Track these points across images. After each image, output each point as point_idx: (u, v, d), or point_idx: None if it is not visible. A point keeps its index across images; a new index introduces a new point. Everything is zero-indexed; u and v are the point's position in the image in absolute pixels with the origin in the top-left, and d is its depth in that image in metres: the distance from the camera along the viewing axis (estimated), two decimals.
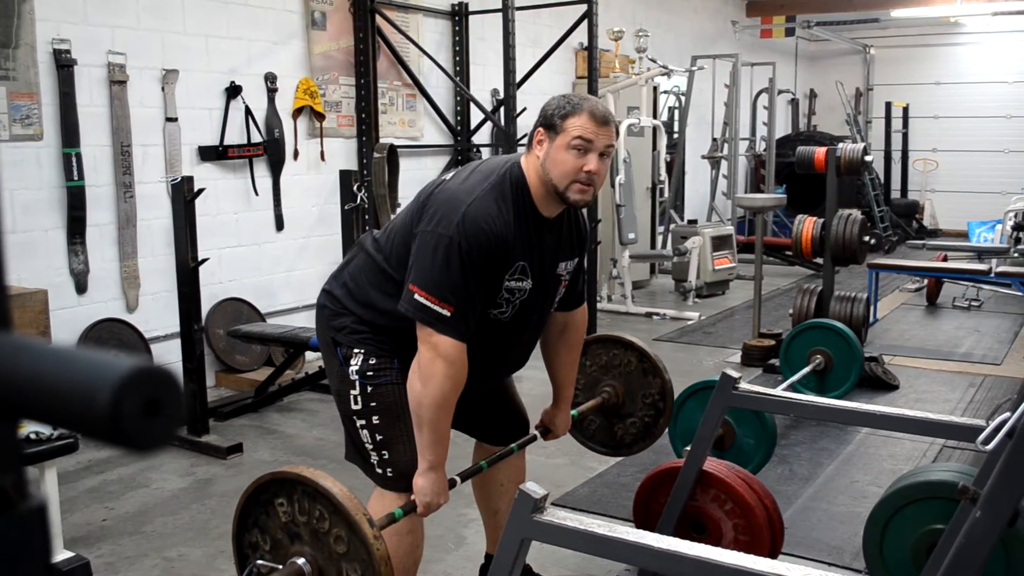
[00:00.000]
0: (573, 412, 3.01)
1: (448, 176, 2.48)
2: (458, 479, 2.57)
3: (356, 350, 2.48)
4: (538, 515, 2.12)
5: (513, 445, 2.83)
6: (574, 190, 2.38)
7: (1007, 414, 1.85)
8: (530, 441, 2.89)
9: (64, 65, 4.67)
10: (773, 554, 2.97)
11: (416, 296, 2.28)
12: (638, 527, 3.06)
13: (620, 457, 3.30)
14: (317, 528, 1.87)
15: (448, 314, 2.26)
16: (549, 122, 2.37)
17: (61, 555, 3.25)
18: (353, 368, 2.47)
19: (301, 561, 1.87)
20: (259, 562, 1.91)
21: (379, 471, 2.51)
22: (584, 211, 2.65)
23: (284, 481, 1.91)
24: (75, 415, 0.42)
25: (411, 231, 2.38)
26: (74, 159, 4.74)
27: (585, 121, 2.34)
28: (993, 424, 1.87)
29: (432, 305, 2.26)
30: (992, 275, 7.15)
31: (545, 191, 2.41)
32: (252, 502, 1.97)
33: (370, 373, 2.46)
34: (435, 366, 2.28)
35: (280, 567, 1.89)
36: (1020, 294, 7.49)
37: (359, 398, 2.47)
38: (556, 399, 2.90)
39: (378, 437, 2.47)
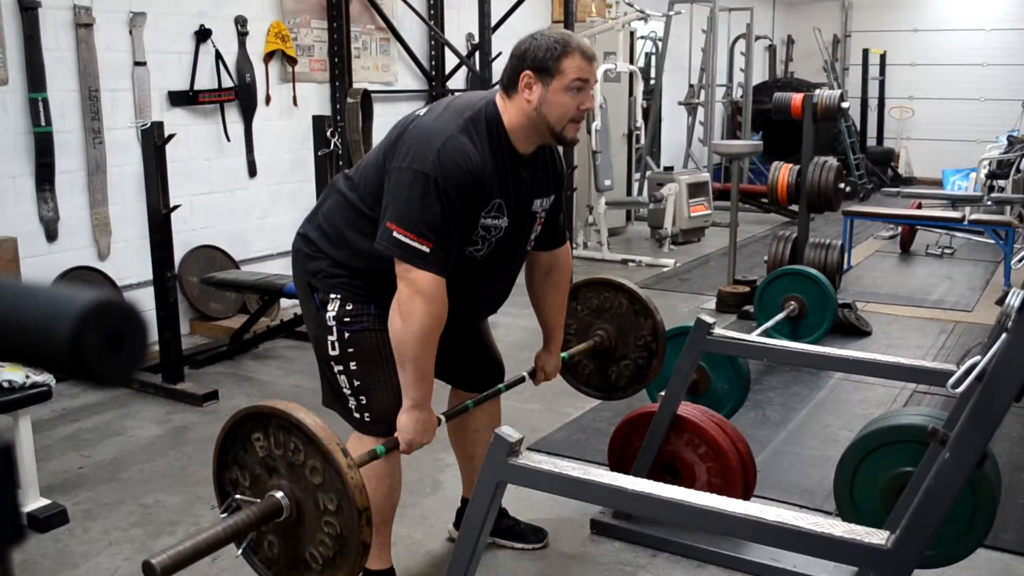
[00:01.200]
0: (564, 355, 3.01)
1: (422, 112, 2.45)
2: (443, 418, 2.58)
3: (332, 295, 2.47)
4: (513, 459, 2.14)
5: (501, 386, 2.84)
6: (570, 129, 2.42)
7: (977, 358, 1.87)
8: (518, 382, 2.89)
9: (28, 7, 4.57)
10: (746, 496, 3.02)
11: (394, 233, 2.26)
12: (613, 470, 3.09)
13: (615, 400, 3.28)
14: (293, 460, 1.87)
15: (427, 250, 2.25)
16: (541, 65, 2.35)
17: (38, 503, 3.25)
18: (330, 314, 2.46)
19: (279, 495, 1.87)
20: (238, 497, 1.91)
21: (357, 416, 2.52)
22: (560, 149, 2.64)
23: (260, 415, 1.91)
24: (36, 350, 0.41)
25: (384, 168, 2.36)
26: (41, 104, 4.66)
27: (579, 61, 2.35)
28: (963, 368, 1.89)
29: (410, 241, 2.25)
30: (965, 223, 7.21)
31: (533, 131, 2.41)
32: (230, 438, 1.97)
33: (347, 319, 2.45)
34: (414, 302, 2.27)
35: (258, 500, 1.89)
36: (992, 242, 7.55)
37: (336, 344, 2.47)
38: (546, 342, 2.90)
39: (356, 382, 2.48)
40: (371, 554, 2.62)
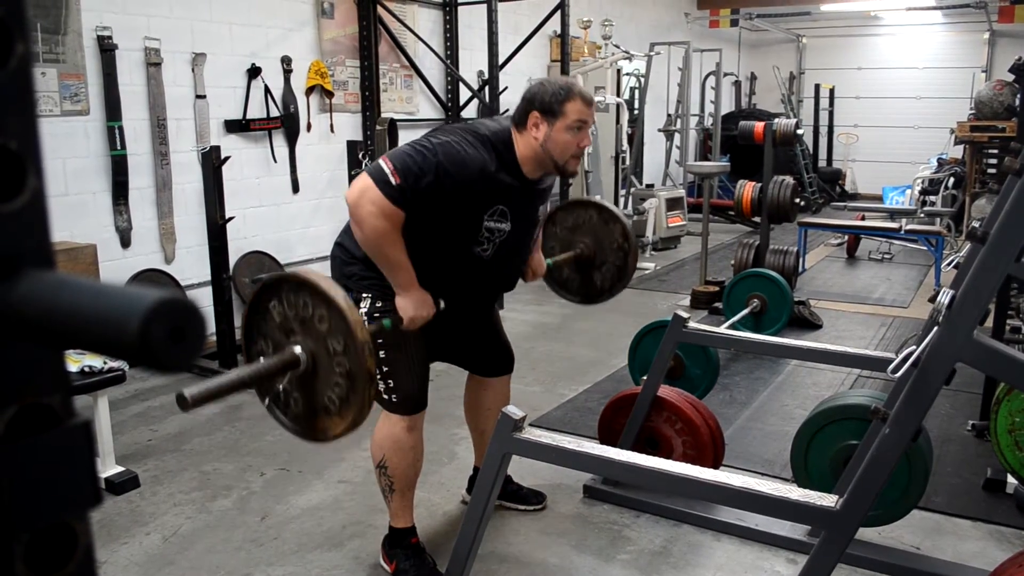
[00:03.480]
0: (549, 261, 2.92)
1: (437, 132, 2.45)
2: (442, 302, 2.45)
3: (364, 294, 2.47)
4: (518, 433, 2.14)
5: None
6: (572, 164, 2.43)
7: (913, 347, 1.86)
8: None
9: (107, 49, 4.58)
10: (715, 466, 3.01)
11: (380, 161, 2.26)
12: (602, 443, 3.09)
13: (602, 301, 3.11)
14: (304, 316, 1.81)
15: (393, 181, 2.22)
16: (547, 108, 2.35)
17: (113, 469, 3.26)
18: (362, 310, 2.46)
19: (296, 348, 1.82)
20: (262, 358, 1.86)
21: (385, 397, 2.52)
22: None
23: (271, 284, 1.85)
24: (110, 341, 0.41)
25: None
26: (117, 131, 4.67)
27: (580, 105, 2.36)
28: (901, 356, 1.88)
29: (385, 168, 2.23)
30: (902, 232, 7.19)
31: (538, 163, 2.41)
32: (252, 312, 1.90)
33: (377, 315, 2.45)
34: (362, 208, 2.23)
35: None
36: (925, 248, 7.53)
37: None
38: None
39: (384, 368, 2.48)
40: (395, 514, 2.65)
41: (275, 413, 1.94)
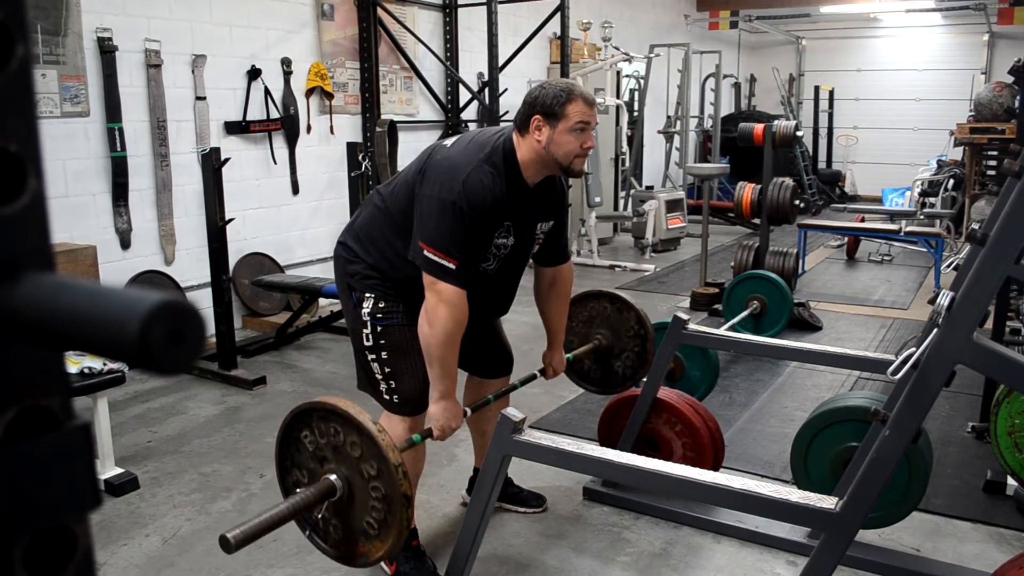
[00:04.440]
0: (569, 356, 2.98)
1: (448, 143, 2.44)
2: (469, 410, 2.57)
3: (368, 294, 2.46)
4: (517, 435, 2.14)
5: (516, 383, 2.84)
6: (577, 163, 2.41)
7: (912, 349, 1.86)
8: (531, 379, 2.87)
9: (107, 51, 4.58)
10: (715, 468, 3.01)
11: (425, 252, 2.26)
12: (602, 445, 3.08)
13: (624, 390, 3.17)
14: (335, 443, 1.86)
15: (452, 267, 2.25)
16: (549, 111, 2.34)
17: (113, 471, 3.25)
18: (365, 310, 2.46)
19: (332, 476, 1.86)
20: (299, 490, 1.90)
21: (387, 397, 2.52)
22: (563, 181, 2.62)
23: (301, 414, 1.91)
24: (110, 343, 0.41)
25: (413, 191, 2.36)
26: (117, 133, 4.67)
27: (582, 106, 2.35)
28: (901, 358, 1.88)
29: (439, 259, 2.25)
30: (902, 234, 7.19)
31: (542, 166, 2.40)
32: (284, 444, 1.97)
33: (379, 315, 2.45)
34: (439, 310, 2.27)
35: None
36: (925, 250, 7.53)
37: (370, 336, 2.47)
38: (551, 343, 2.87)
39: (387, 369, 2.48)
40: None
41: (316, 542, 1.98)
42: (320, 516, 1.93)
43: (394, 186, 2.49)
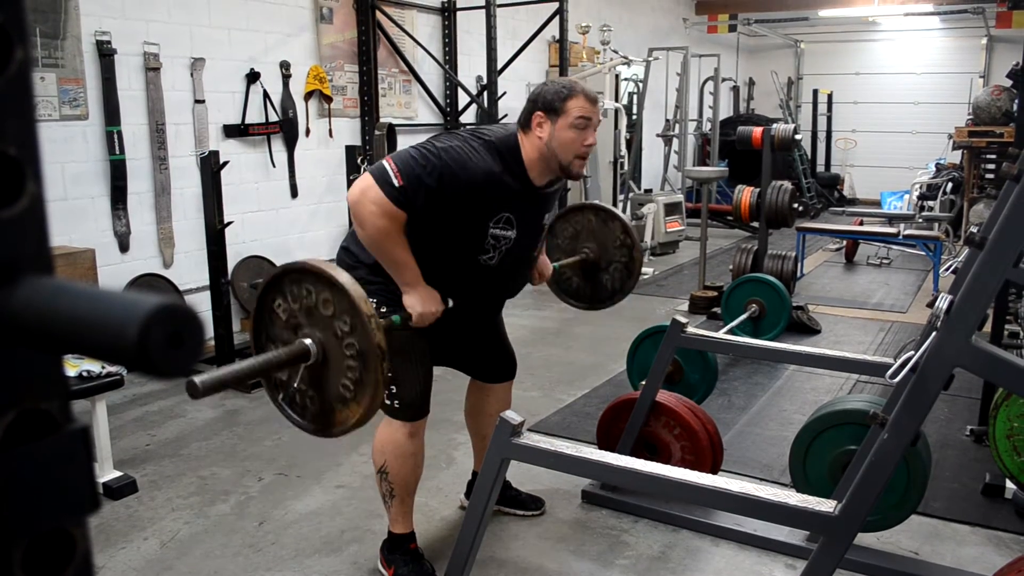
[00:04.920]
0: (555, 265, 2.92)
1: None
2: (451, 301, 2.43)
3: (371, 299, 2.46)
4: (516, 439, 2.13)
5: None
6: (576, 164, 2.39)
7: (911, 352, 1.86)
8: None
9: (106, 54, 4.58)
10: (714, 471, 3.01)
11: (383, 162, 2.26)
12: (600, 448, 3.09)
13: (618, 302, 3.09)
14: (308, 304, 1.78)
15: (396, 183, 2.21)
16: (550, 106, 2.34)
17: (111, 474, 3.25)
18: None
19: (307, 341, 1.77)
20: (275, 350, 1.80)
21: (388, 403, 2.51)
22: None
23: (273, 280, 1.80)
24: (108, 346, 0.41)
25: None
26: (116, 136, 4.67)
27: (583, 102, 2.34)
28: (899, 361, 1.88)
29: (388, 168, 2.23)
30: (900, 237, 7.20)
31: (545, 165, 2.39)
32: (258, 318, 1.85)
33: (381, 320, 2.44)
34: (363, 207, 2.23)
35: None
36: (923, 253, 7.54)
37: None
38: None
39: (387, 374, 2.47)
40: (394, 519, 2.64)
41: (289, 414, 1.89)
42: (297, 387, 1.84)
43: None
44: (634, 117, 10.12)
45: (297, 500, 3.22)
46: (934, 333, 1.78)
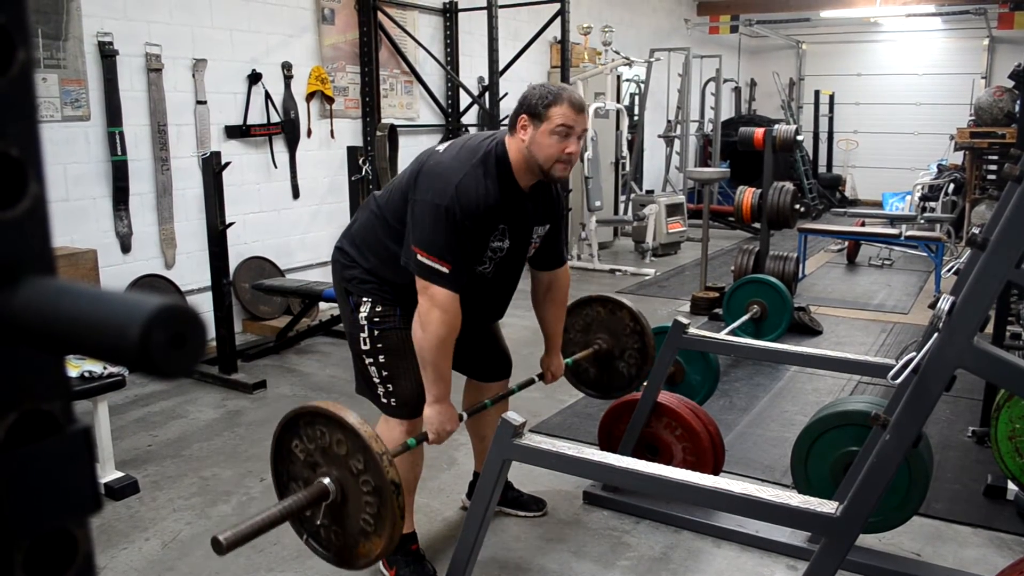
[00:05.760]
0: (568, 360, 2.98)
1: (440, 148, 2.44)
2: (465, 414, 2.58)
3: (365, 299, 2.47)
4: (518, 439, 2.13)
5: (514, 387, 2.84)
6: (557, 169, 2.37)
7: (913, 354, 1.86)
8: (529, 384, 2.87)
9: (107, 55, 4.59)
10: (715, 472, 3.01)
11: (418, 256, 2.26)
12: (602, 450, 3.08)
13: (632, 391, 3.14)
14: (323, 445, 1.85)
15: (446, 271, 2.25)
16: (533, 111, 2.33)
17: (113, 475, 3.25)
18: (362, 315, 2.47)
19: (326, 480, 1.86)
20: (292, 495, 1.89)
21: (384, 401, 2.52)
22: (559, 184, 2.62)
23: (288, 423, 1.90)
24: (111, 347, 0.41)
25: (406, 195, 2.36)
26: (118, 137, 4.68)
27: (566, 110, 2.32)
28: (901, 362, 1.88)
29: (432, 263, 2.25)
30: (902, 238, 7.19)
31: (527, 168, 2.38)
32: (277, 460, 1.97)
33: (377, 319, 2.45)
34: (432, 314, 2.27)
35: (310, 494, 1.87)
36: (925, 254, 7.53)
37: (367, 340, 2.47)
38: (548, 347, 2.86)
39: (384, 373, 2.48)
40: None
41: (314, 547, 1.96)
42: (320, 524, 1.92)
43: (389, 192, 2.50)
44: (636, 118, 10.12)
45: None
46: (936, 334, 1.77)
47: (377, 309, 2.45)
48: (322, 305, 5.49)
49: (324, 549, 1.96)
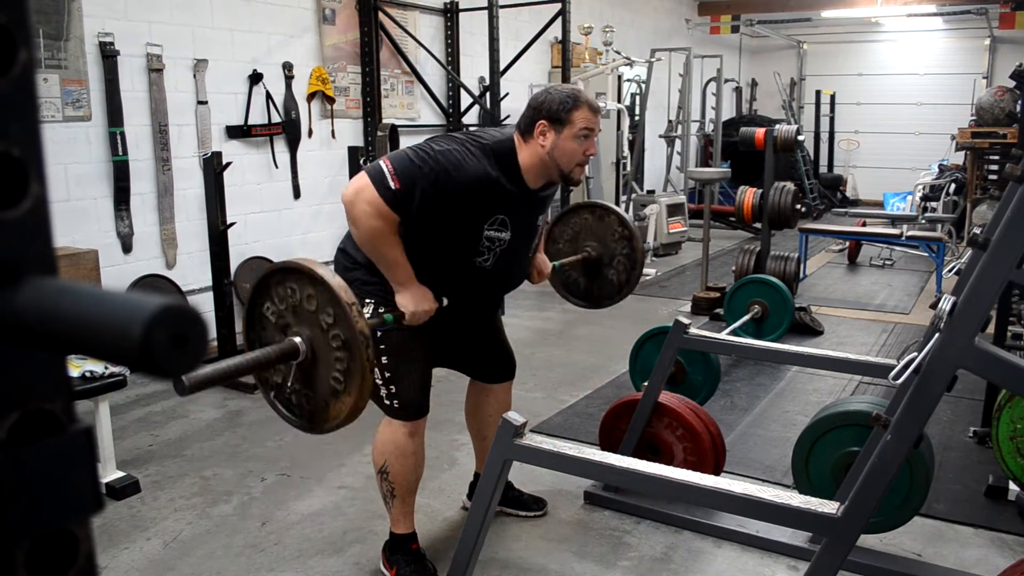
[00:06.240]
0: (555, 263, 2.91)
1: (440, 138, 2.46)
2: (444, 299, 2.46)
3: (368, 300, 2.46)
4: (519, 439, 2.14)
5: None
6: (577, 172, 2.42)
7: (914, 354, 1.86)
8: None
9: (108, 55, 4.59)
10: (716, 472, 3.01)
11: (380, 162, 2.27)
12: (603, 450, 3.08)
13: (625, 297, 3.07)
14: (294, 303, 1.80)
15: (392, 185, 2.22)
16: (555, 116, 2.35)
17: (114, 475, 3.25)
18: (366, 315, 2.46)
19: (296, 338, 1.79)
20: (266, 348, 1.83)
21: (387, 403, 2.51)
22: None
23: (259, 284, 1.83)
24: (112, 347, 0.41)
25: None
26: (119, 137, 4.68)
27: (587, 113, 2.37)
28: (902, 362, 1.88)
29: (385, 170, 2.24)
30: (903, 238, 7.19)
31: (544, 171, 2.41)
32: (250, 325, 1.88)
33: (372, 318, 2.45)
34: (358, 207, 2.25)
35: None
36: (926, 254, 7.53)
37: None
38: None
39: (386, 374, 2.47)
40: (396, 520, 2.65)
41: (282, 412, 1.91)
42: (291, 389, 1.86)
43: None
44: (636, 118, 10.12)
45: (299, 501, 3.22)
46: (937, 334, 1.77)
47: (381, 310, 2.45)
48: None
49: (295, 416, 1.91)
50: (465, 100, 7.22)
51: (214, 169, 4.33)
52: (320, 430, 1.88)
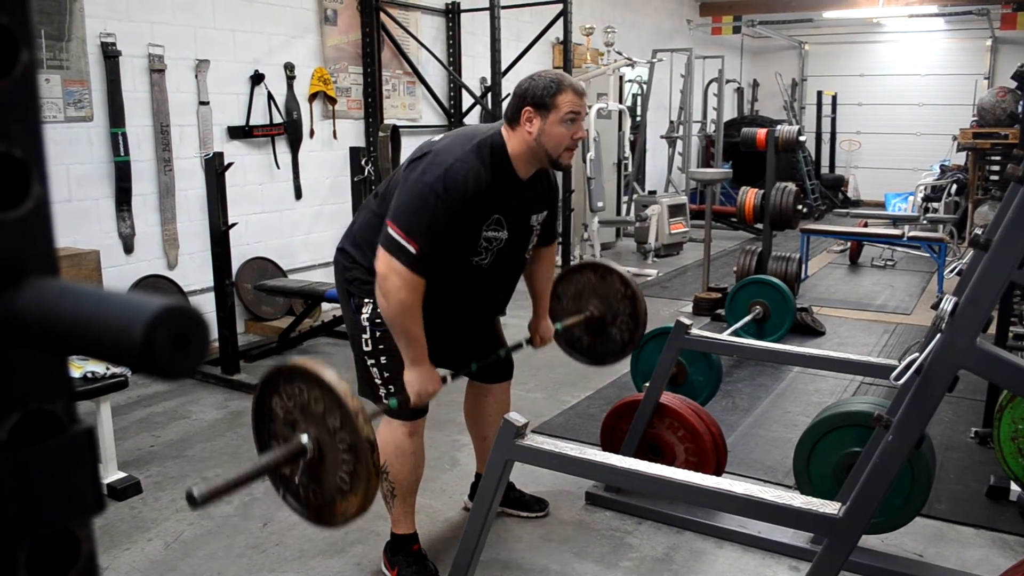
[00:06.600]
0: (558, 325, 2.93)
1: (436, 139, 2.45)
2: (449, 377, 2.54)
3: (367, 300, 2.46)
4: (520, 440, 2.14)
5: (501, 351, 2.79)
6: (565, 156, 2.41)
7: (916, 354, 1.86)
8: (517, 348, 2.81)
9: (110, 56, 4.59)
10: (718, 473, 3.01)
11: (389, 230, 2.26)
12: (604, 450, 3.08)
13: (628, 354, 3.08)
14: (301, 402, 1.83)
15: (412, 250, 2.23)
16: (539, 102, 2.34)
17: (116, 475, 3.25)
18: (364, 316, 2.46)
19: (303, 437, 1.83)
20: (272, 451, 1.86)
21: (386, 402, 2.51)
22: (557, 174, 2.63)
23: (268, 380, 1.86)
24: (114, 348, 0.41)
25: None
26: (120, 137, 4.68)
27: (572, 96, 2.35)
28: (904, 363, 1.88)
29: (400, 240, 2.24)
30: (905, 239, 7.18)
31: (533, 158, 2.40)
32: (258, 418, 1.92)
33: (378, 320, 2.44)
34: (390, 281, 2.25)
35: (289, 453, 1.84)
36: (928, 255, 7.52)
37: (369, 341, 2.47)
38: (536, 310, 2.85)
39: (385, 374, 2.47)
40: (397, 520, 2.65)
41: (295, 507, 1.94)
42: (299, 483, 1.88)
43: (386, 190, 2.49)
44: (638, 119, 10.12)
45: None
46: (938, 335, 1.77)
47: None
48: (324, 306, 5.49)
49: (303, 507, 1.93)
50: (467, 101, 7.22)
51: (216, 170, 4.33)
52: (329, 524, 1.91)
